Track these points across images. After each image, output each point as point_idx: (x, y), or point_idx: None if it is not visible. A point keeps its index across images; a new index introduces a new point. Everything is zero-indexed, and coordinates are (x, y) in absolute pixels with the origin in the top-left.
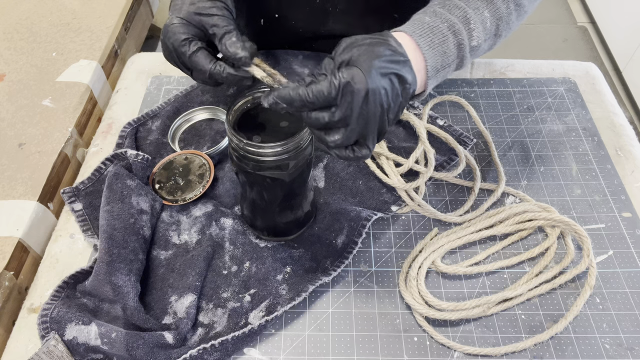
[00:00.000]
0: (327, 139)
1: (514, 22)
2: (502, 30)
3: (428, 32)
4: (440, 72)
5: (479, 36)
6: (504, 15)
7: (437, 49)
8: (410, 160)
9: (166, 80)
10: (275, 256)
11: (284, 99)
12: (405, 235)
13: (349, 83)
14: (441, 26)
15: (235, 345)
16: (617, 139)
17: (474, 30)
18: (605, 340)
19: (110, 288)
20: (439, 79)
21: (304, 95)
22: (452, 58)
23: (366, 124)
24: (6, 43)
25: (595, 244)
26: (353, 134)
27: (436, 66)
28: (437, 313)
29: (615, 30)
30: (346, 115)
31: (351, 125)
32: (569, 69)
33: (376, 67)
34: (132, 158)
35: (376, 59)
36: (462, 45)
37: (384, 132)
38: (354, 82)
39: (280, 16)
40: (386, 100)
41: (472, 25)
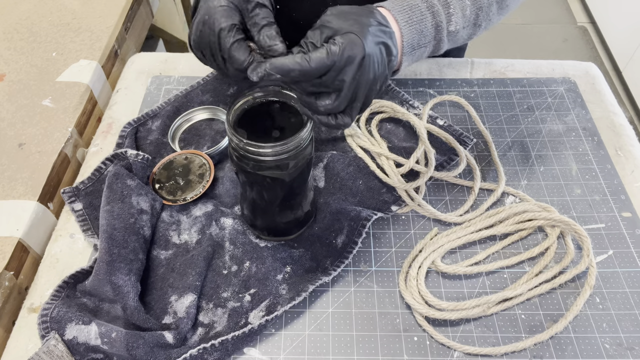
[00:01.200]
0: (318, 103)
1: (494, 14)
2: (482, 20)
3: (407, 9)
4: (415, 51)
5: (458, 22)
6: (485, 5)
7: (414, 27)
8: (411, 161)
9: (166, 80)
10: (275, 256)
11: (280, 69)
12: (405, 235)
13: (347, 48)
14: (421, 5)
15: (235, 345)
16: (617, 139)
17: (452, 15)
18: (605, 340)
19: (110, 288)
20: (414, 58)
21: (303, 64)
22: (429, 38)
23: (357, 91)
24: (6, 43)
25: (595, 243)
26: (344, 100)
27: (412, 43)
28: (437, 313)
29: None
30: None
31: (344, 91)
32: (569, 69)
33: (371, 34)
34: (132, 158)
35: (369, 27)
36: (440, 28)
37: (369, 103)
38: (352, 47)
39: (282, 7)
40: (377, 69)
41: (452, 10)
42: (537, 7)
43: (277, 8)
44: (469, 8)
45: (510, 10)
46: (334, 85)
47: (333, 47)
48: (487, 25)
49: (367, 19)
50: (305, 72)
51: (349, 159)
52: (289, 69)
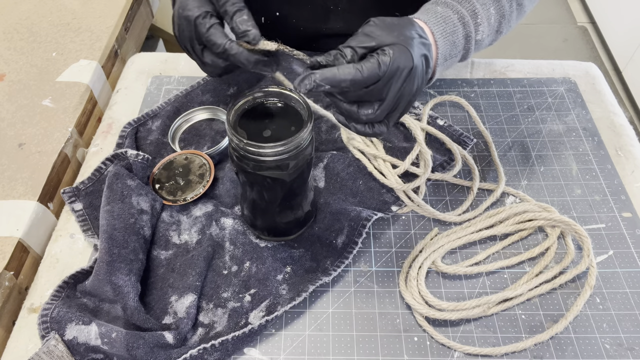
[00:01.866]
0: (360, 112)
1: (514, 21)
2: (504, 27)
3: (441, 21)
4: (447, 61)
5: (484, 31)
6: (507, 13)
7: (448, 39)
8: (406, 162)
9: (166, 80)
10: (276, 256)
11: (331, 81)
12: (405, 235)
13: (397, 59)
14: (452, 17)
15: (236, 345)
16: (617, 139)
17: (480, 25)
18: (605, 340)
19: (110, 288)
20: (446, 68)
21: (356, 74)
22: (460, 49)
23: (399, 101)
24: (6, 43)
25: (596, 244)
26: (385, 110)
27: (445, 54)
28: (437, 313)
29: (615, 30)
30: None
31: (387, 101)
32: (569, 69)
33: (417, 46)
34: (132, 158)
35: (413, 39)
36: (469, 37)
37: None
38: (401, 58)
39: (282, 14)
40: (420, 80)
41: (479, 20)
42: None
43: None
44: (494, 17)
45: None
46: (379, 95)
47: (384, 58)
48: (507, 31)
49: (410, 31)
50: (356, 82)
51: (349, 159)
52: (340, 80)
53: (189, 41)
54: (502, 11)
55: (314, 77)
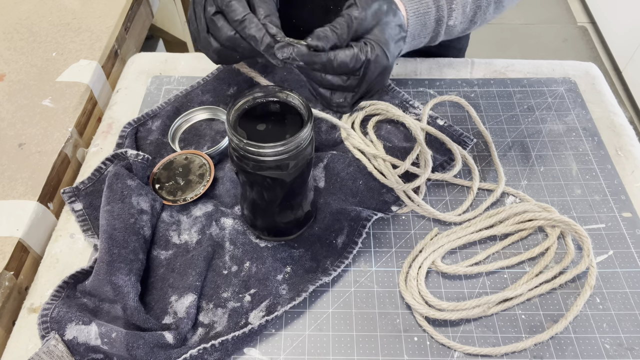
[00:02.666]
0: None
1: (490, 14)
2: (478, 18)
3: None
4: (415, 40)
5: (457, 17)
6: (483, 5)
7: (419, 18)
8: (407, 162)
9: (166, 80)
10: (276, 256)
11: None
12: (405, 235)
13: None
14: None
15: (236, 345)
16: (617, 139)
17: (454, 11)
18: (605, 340)
19: (110, 288)
20: (412, 47)
21: (327, 61)
22: (429, 31)
23: (369, 91)
24: (6, 43)
25: (596, 244)
26: (356, 97)
27: (414, 34)
28: (437, 313)
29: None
30: (358, 84)
31: (359, 91)
32: (569, 69)
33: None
34: (132, 158)
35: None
36: (441, 21)
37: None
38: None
39: (281, 14)
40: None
41: (454, 6)
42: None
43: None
44: (469, 5)
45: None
46: (352, 88)
47: (361, 56)
48: (481, 22)
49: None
50: (327, 68)
51: (349, 159)
52: (312, 61)
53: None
54: (478, 2)
55: (292, 49)
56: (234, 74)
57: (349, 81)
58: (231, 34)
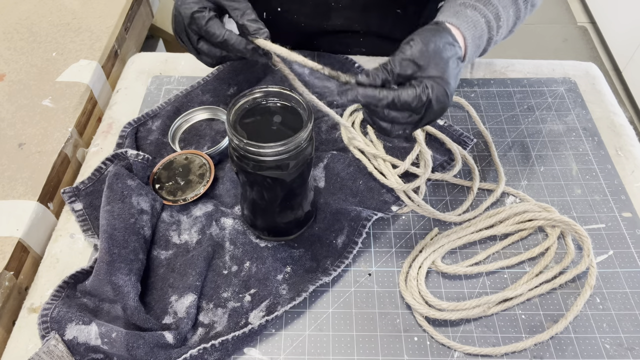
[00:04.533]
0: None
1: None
2: (516, 27)
3: (472, 26)
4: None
5: (502, 33)
6: (522, 14)
7: (476, 42)
8: (406, 162)
9: (166, 80)
10: (276, 256)
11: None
12: (405, 235)
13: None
14: (481, 21)
15: (236, 345)
16: (617, 139)
17: (500, 27)
18: (605, 340)
19: (110, 288)
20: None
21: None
22: (481, 50)
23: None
24: (6, 43)
25: (596, 244)
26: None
27: (470, 57)
28: (437, 313)
29: (615, 30)
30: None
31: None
32: (569, 69)
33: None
34: (132, 158)
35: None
36: (491, 40)
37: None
38: (438, 100)
39: (283, 10)
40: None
41: (501, 23)
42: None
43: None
44: (511, 18)
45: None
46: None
47: (423, 96)
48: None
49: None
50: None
51: (349, 159)
52: (377, 100)
53: (184, 32)
54: (518, 13)
55: (356, 92)
56: (234, 74)
57: (410, 118)
58: (219, 55)
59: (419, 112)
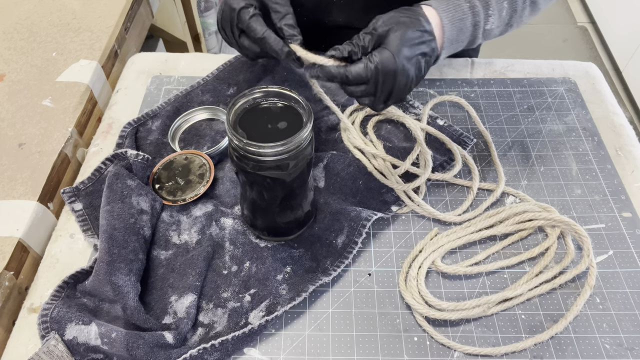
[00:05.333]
0: (360, 100)
1: (526, 17)
2: (514, 21)
3: (451, 8)
4: (453, 45)
5: (494, 22)
6: (519, 9)
7: (455, 25)
8: (407, 162)
9: (166, 80)
10: (276, 256)
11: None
12: (405, 235)
13: (378, 66)
14: (464, 5)
15: (236, 345)
16: (617, 139)
17: (491, 16)
18: (605, 340)
19: (110, 288)
20: (451, 50)
21: (343, 75)
22: (467, 35)
23: (390, 95)
24: (6, 43)
25: (596, 244)
26: (379, 102)
27: (451, 39)
28: (437, 313)
29: (615, 30)
30: (375, 90)
31: (378, 96)
32: (569, 69)
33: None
34: (132, 158)
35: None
36: (477, 26)
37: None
38: (384, 65)
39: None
40: (411, 78)
41: (491, 11)
42: None
43: None
44: (506, 10)
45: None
46: (370, 93)
47: (370, 65)
48: (518, 25)
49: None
50: (344, 80)
51: (349, 159)
52: (332, 76)
53: (229, 25)
54: (514, 6)
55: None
56: (234, 74)
57: (366, 89)
58: (258, 51)
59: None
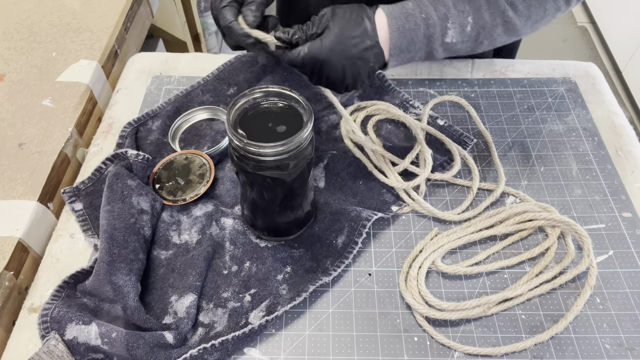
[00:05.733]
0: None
1: (500, 35)
2: (484, 39)
3: (403, 17)
4: (404, 54)
5: (455, 36)
6: (488, 26)
7: (405, 34)
8: (406, 161)
9: (166, 80)
10: (276, 256)
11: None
12: (406, 235)
13: (306, 56)
14: (417, 16)
15: (236, 345)
16: (617, 139)
17: (449, 29)
18: (605, 340)
19: (110, 288)
20: (403, 60)
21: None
22: (419, 46)
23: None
24: (6, 43)
25: (596, 244)
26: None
27: (400, 47)
28: (438, 313)
29: (615, 30)
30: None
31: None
32: (569, 69)
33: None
34: (132, 158)
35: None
36: (432, 39)
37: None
38: (311, 55)
39: None
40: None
41: (449, 24)
42: None
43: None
44: (470, 25)
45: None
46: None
47: (301, 53)
48: (491, 43)
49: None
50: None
51: (349, 159)
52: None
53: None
54: (481, 23)
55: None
56: (234, 74)
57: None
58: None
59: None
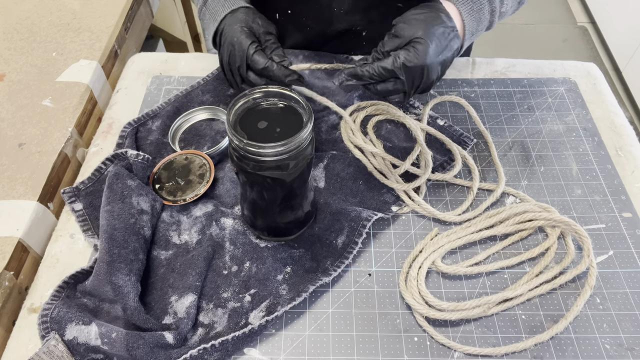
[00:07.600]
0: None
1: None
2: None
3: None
4: (474, 35)
5: (508, 3)
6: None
7: (474, 16)
8: (407, 162)
9: (166, 80)
10: (276, 256)
11: (354, 75)
12: (406, 235)
13: (406, 62)
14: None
15: (236, 345)
16: (617, 139)
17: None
18: (605, 340)
19: (110, 288)
20: (472, 41)
21: (371, 71)
22: (485, 23)
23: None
24: (6, 43)
25: (596, 244)
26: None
27: (472, 30)
28: (438, 313)
29: (615, 30)
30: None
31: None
32: (569, 69)
33: (435, 43)
34: (132, 158)
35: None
36: (494, 12)
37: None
38: (411, 62)
39: (293, 12)
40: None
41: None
42: (537, 7)
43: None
44: None
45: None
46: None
47: (397, 60)
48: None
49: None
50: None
51: (349, 159)
52: (360, 75)
53: (239, 62)
54: None
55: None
56: None
57: (396, 85)
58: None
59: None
